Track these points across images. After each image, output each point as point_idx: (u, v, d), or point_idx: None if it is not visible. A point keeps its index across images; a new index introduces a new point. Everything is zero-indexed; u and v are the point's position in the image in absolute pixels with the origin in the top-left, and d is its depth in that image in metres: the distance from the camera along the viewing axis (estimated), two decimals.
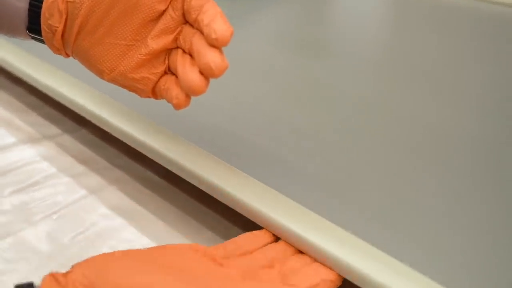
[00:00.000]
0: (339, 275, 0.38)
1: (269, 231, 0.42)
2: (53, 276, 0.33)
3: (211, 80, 0.38)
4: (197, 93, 0.38)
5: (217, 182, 0.45)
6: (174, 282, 0.33)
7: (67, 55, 0.44)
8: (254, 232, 0.42)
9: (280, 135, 0.55)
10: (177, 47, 0.40)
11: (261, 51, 0.74)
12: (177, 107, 0.40)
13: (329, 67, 0.71)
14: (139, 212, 0.51)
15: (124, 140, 0.53)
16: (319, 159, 0.51)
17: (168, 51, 0.41)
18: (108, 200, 0.52)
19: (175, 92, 0.40)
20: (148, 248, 0.38)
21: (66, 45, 0.42)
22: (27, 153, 0.59)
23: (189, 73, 0.38)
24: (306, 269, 0.38)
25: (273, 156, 0.51)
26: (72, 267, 0.34)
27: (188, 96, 0.40)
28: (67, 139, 0.61)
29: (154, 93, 0.42)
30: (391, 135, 0.56)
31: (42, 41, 0.44)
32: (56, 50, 0.43)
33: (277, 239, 0.42)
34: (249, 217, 0.43)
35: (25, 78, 0.65)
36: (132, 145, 0.52)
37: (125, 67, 0.40)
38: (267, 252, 0.40)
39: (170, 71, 0.41)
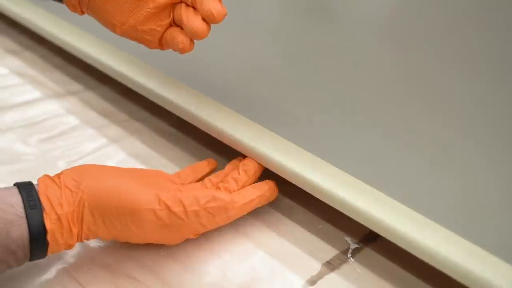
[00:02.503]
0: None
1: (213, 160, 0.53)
2: (48, 176, 0.42)
3: (224, 41, 0.43)
4: (200, 36, 0.44)
5: (223, 127, 0.51)
6: (137, 185, 0.42)
7: (82, 12, 0.48)
8: (199, 162, 0.53)
9: (285, 90, 0.59)
10: (181, 2, 0.45)
11: (270, 15, 0.78)
12: (182, 51, 0.46)
13: (333, 30, 0.74)
14: (155, 157, 0.56)
15: (142, 93, 0.58)
16: (320, 111, 0.56)
17: (172, 6, 0.46)
18: (128, 148, 0.57)
19: (181, 38, 0.45)
20: (123, 168, 0.46)
21: (81, 2, 0.47)
22: (53, 107, 0.64)
23: (194, 20, 0.44)
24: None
25: (277, 108, 0.56)
26: (62, 172, 0.42)
27: (192, 41, 0.46)
28: (89, 95, 0.66)
29: (161, 44, 0.47)
30: (388, 92, 0.60)
31: (59, 0, 0.49)
32: (72, 8, 0.48)
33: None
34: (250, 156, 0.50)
35: (49, 38, 0.70)
36: (150, 97, 0.57)
37: (135, 21, 0.45)
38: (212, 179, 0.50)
39: (174, 23, 0.46)
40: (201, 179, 0.51)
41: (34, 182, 0.41)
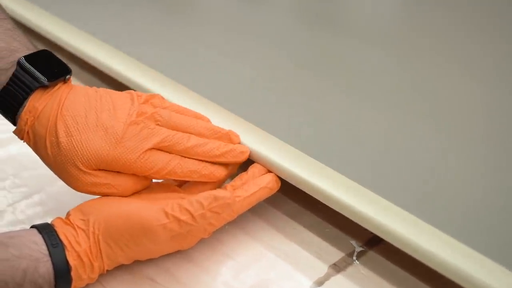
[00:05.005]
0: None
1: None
2: (60, 218, 0.45)
3: (231, 48, 0.44)
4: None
5: None
6: (142, 205, 0.45)
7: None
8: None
9: (291, 97, 0.62)
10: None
11: (276, 23, 0.81)
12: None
13: (338, 38, 0.77)
14: None
15: None
16: (326, 118, 0.59)
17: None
18: None
19: None
20: None
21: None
22: None
23: None
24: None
25: (284, 114, 0.58)
26: (69, 214, 0.45)
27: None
28: None
29: None
30: (389, 98, 0.63)
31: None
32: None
33: None
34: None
35: (64, 46, 0.72)
36: None
37: None
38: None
39: None
40: None
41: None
